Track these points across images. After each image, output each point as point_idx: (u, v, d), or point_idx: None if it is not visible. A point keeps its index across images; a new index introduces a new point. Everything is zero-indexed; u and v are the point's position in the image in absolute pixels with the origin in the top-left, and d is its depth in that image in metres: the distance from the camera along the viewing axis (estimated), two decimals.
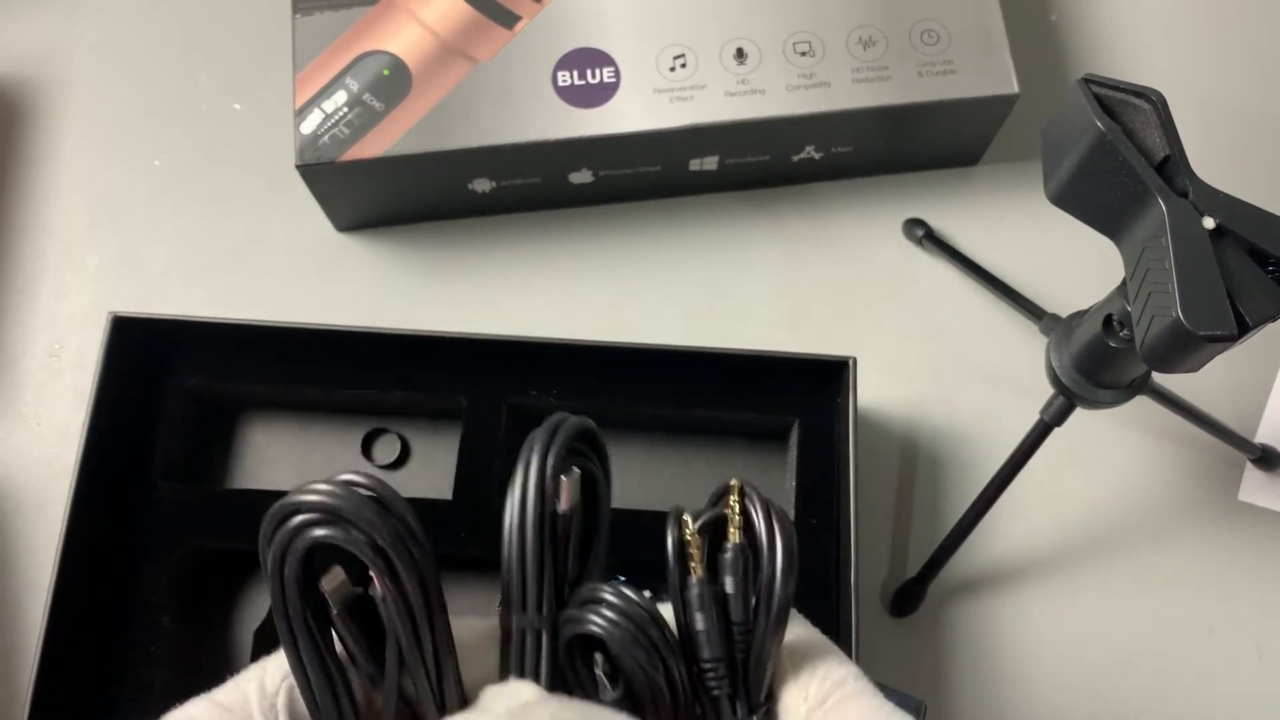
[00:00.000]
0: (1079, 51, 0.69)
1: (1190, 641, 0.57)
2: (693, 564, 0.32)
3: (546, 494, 0.31)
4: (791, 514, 0.54)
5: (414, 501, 0.52)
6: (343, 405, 0.58)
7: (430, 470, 0.58)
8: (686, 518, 0.33)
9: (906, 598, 0.56)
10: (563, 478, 0.31)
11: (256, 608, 0.56)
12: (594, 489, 0.33)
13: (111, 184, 0.66)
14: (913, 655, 0.57)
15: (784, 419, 0.56)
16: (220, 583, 0.56)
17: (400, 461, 0.59)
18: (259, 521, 0.53)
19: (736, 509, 0.32)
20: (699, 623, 0.32)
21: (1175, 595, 0.58)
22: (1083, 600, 0.58)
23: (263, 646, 0.52)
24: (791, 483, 0.55)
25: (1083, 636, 0.57)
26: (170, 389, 0.56)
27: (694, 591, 0.32)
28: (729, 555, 0.32)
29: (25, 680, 0.49)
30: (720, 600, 0.32)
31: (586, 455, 0.33)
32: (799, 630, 0.35)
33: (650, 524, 0.53)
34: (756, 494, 0.32)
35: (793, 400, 0.56)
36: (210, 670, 0.55)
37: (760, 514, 0.32)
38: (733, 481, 0.33)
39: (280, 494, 0.53)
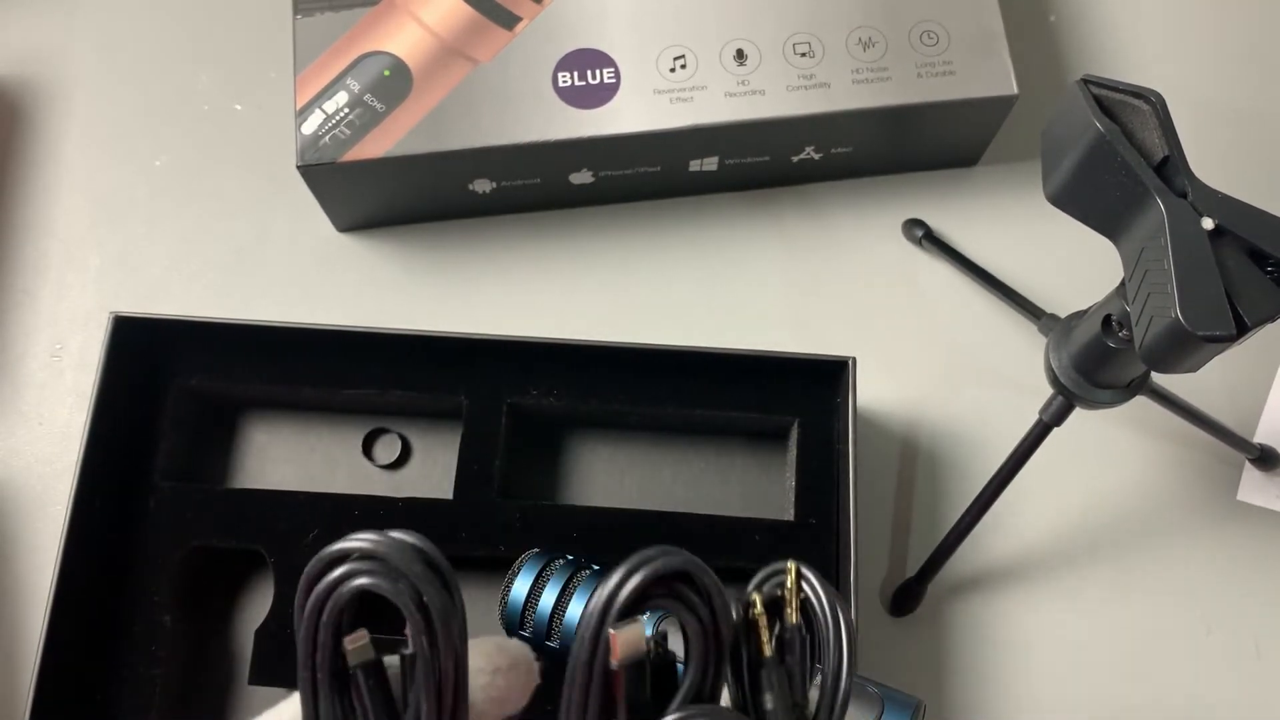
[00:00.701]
0: (1078, 52, 0.69)
1: (1189, 641, 0.57)
2: (763, 642, 0.32)
3: (600, 645, 0.28)
4: (791, 513, 0.55)
5: (414, 501, 0.54)
6: (343, 405, 0.58)
7: (430, 470, 0.59)
8: (755, 595, 0.32)
9: (906, 597, 0.56)
10: (611, 630, 0.28)
11: (257, 608, 0.56)
12: (683, 635, 0.30)
13: (112, 184, 0.66)
14: (912, 655, 0.57)
15: (784, 419, 0.56)
16: (220, 583, 0.56)
17: (400, 461, 0.59)
18: (259, 521, 0.54)
19: (793, 590, 0.32)
20: (768, 702, 0.31)
21: (1174, 594, 0.58)
22: (1081, 599, 0.58)
23: (263, 646, 0.52)
24: (791, 483, 0.56)
25: (1081, 635, 0.57)
26: (171, 389, 0.56)
27: (764, 670, 0.32)
28: (788, 636, 0.32)
29: (26, 680, 0.49)
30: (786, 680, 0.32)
31: (682, 596, 0.29)
32: None
33: (651, 524, 0.54)
34: (816, 579, 0.32)
35: (793, 400, 0.56)
36: (210, 670, 0.55)
37: (824, 601, 0.32)
38: (789, 564, 0.33)
39: (281, 493, 0.54)
